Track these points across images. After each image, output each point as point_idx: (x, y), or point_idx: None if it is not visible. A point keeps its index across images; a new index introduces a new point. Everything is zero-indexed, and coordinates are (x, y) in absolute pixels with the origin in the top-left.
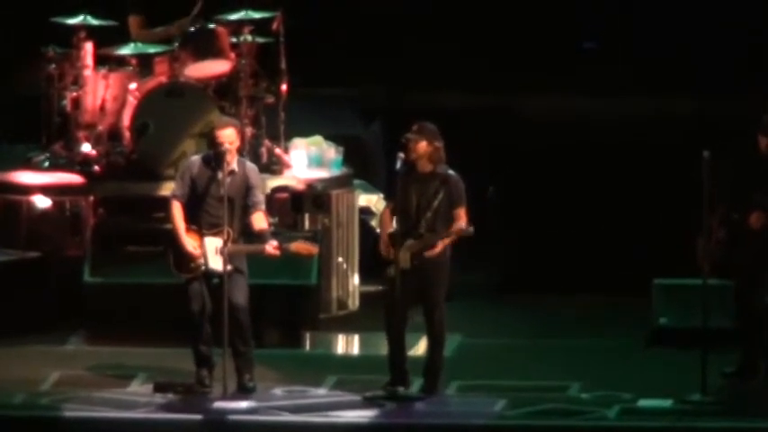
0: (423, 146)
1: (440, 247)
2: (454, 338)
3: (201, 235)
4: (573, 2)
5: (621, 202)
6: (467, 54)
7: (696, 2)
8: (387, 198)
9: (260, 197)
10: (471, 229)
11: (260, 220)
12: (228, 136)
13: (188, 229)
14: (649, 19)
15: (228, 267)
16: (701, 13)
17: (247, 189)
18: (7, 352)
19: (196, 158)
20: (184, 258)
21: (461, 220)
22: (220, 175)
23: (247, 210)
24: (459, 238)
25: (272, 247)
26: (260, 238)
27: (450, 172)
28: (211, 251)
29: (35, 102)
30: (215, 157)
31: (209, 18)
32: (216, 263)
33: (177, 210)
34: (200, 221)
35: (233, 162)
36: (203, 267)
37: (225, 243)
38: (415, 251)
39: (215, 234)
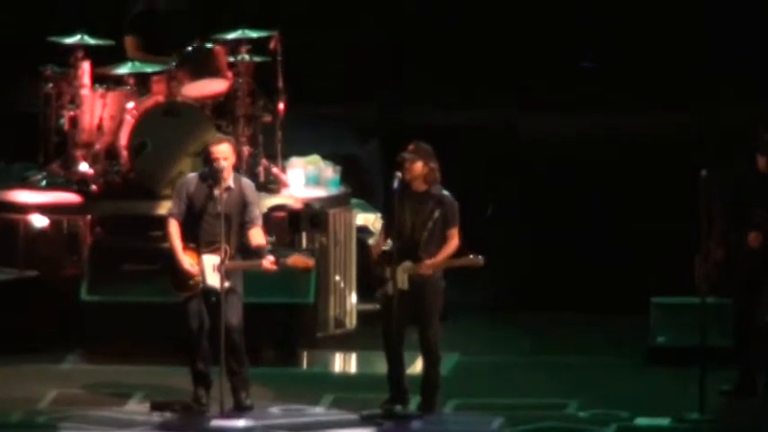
0: (419, 167)
1: (432, 269)
2: (451, 357)
3: (199, 252)
4: (571, 21)
5: (620, 219)
6: (464, 72)
7: (693, 19)
8: (382, 216)
9: (257, 213)
10: (481, 259)
11: (257, 236)
12: (223, 151)
13: (186, 247)
14: (646, 37)
15: (226, 284)
16: (698, 30)
17: (244, 205)
18: (5, 370)
19: (192, 176)
20: (182, 277)
21: (453, 240)
22: (217, 192)
23: (244, 226)
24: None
25: (269, 262)
26: (257, 253)
27: (445, 193)
28: (209, 268)
29: (32, 121)
30: (211, 174)
31: (206, 38)
32: (214, 280)
33: (174, 228)
34: (197, 239)
35: (229, 179)
36: (201, 285)
37: (222, 260)
38: (413, 274)
39: (213, 251)
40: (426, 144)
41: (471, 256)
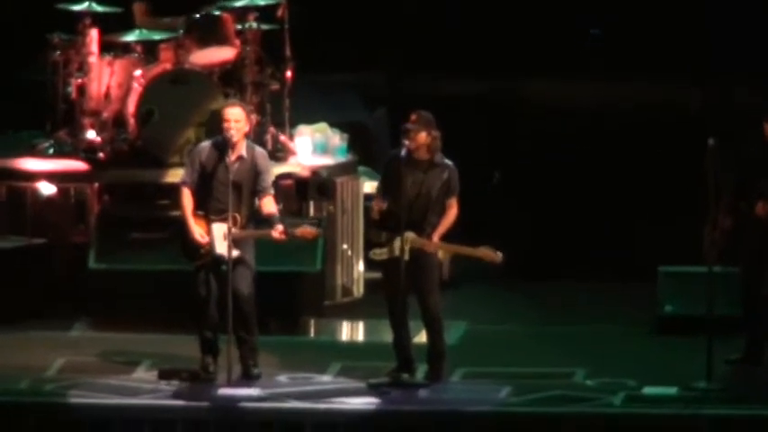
0: (422, 136)
1: (437, 248)
2: (459, 325)
3: (209, 220)
4: None
5: (627, 188)
6: (470, 39)
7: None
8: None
9: (269, 182)
10: (500, 255)
11: (269, 205)
12: (235, 114)
13: (196, 215)
14: (656, 5)
15: (236, 253)
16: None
17: (256, 174)
18: (12, 338)
19: (205, 144)
20: (193, 246)
21: (453, 209)
22: (228, 160)
23: (256, 194)
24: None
25: (277, 231)
26: (268, 222)
27: (447, 161)
28: (219, 237)
29: (40, 88)
30: (223, 141)
31: (214, 5)
32: (223, 248)
33: (186, 197)
34: (208, 207)
35: (241, 147)
36: (211, 253)
37: (230, 228)
38: (416, 247)
39: (223, 219)
40: (427, 112)
41: (488, 249)
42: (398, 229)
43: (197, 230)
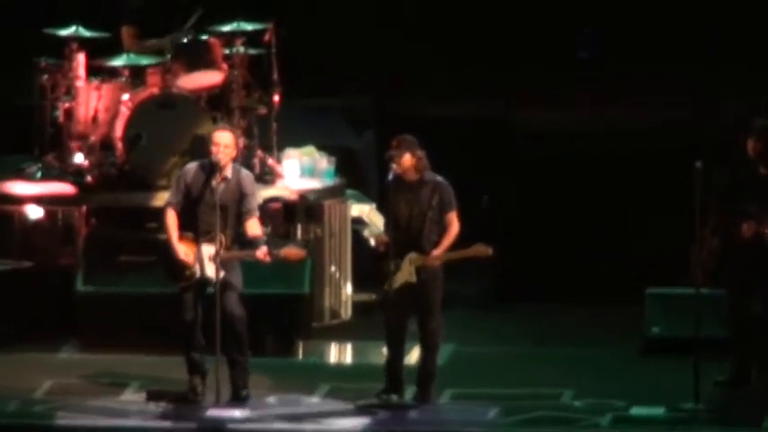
0: (407, 159)
1: (440, 260)
2: (447, 347)
3: (196, 242)
4: (568, 11)
5: (615, 211)
6: (459, 63)
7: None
8: (380, 209)
9: (254, 204)
10: (489, 249)
11: (254, 227)
12: (225, 139)
13: (182, 237)
14: (646, 27)
15: (222, 274)
16: (696, 18)
17: (241, 196)
18: (1, 360)
19: (192, 165)
20: (178, 267)
21: (454, 225)
22: (214, 182)
23: (241, 216)
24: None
25: (262, 253)
26: (253, 244)
27: (439, 178)
28: (206, 258)
29: (28, 112)
30: (210, 164)
31: (201, 29)
32: (210, 270)
33: (171, 217)
34: (195, 229)
35: (227, 169)
36: (198, 275)
37: (218, 250)
38: (420, 266)
39: (209, 241)
40: (408, 135)
41: (479, 245)
42: (401, 253)
43: (182, 250)
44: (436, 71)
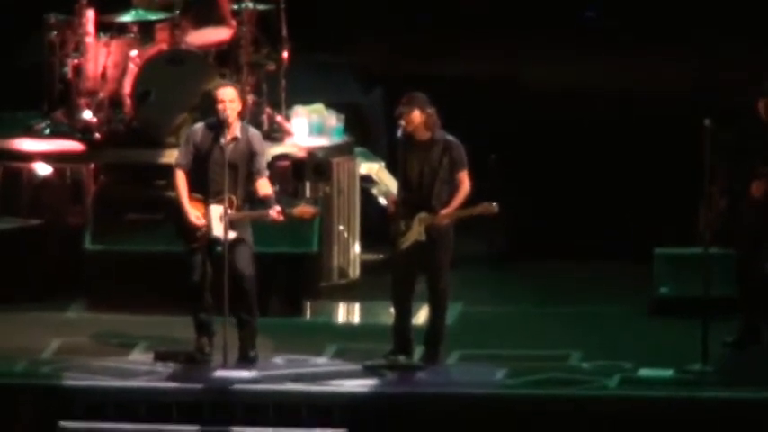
0: (416, 115)
1: (449, 218)
2: (455, 307)
3: (206, 203)
4: None
5: (623, 170)
6: (466, 22)
7: None
8: (388, 167)
9: (264, 163)
10: (495, 206)
11: (264, 186)
12: (228, 94)
13: (192, 197)
14: None
15: (232, 235)
16: None
17: (251, 155)
18: (8, 319)
19: (199, 125)
20: (189, 228)
21: (465, 184)
22: (223, 141)
23: (251, 176)
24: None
25: (275, 212)
26: (264, 204)
27: (449, 137)
28: (216, 219)
29: (36, 69)
30: (218, 123)
31: None
32: (220, 230)
33: (181, 179)
34: (204, 189)
35: (236, 128)
36: (207, 235)
37: (226, 210)
38: (429, 225)
39: (219, 202)
40: (419, 92)
41: (485, 203)
42: (412, 212)
43: (193, 213)
44: (443, 30)
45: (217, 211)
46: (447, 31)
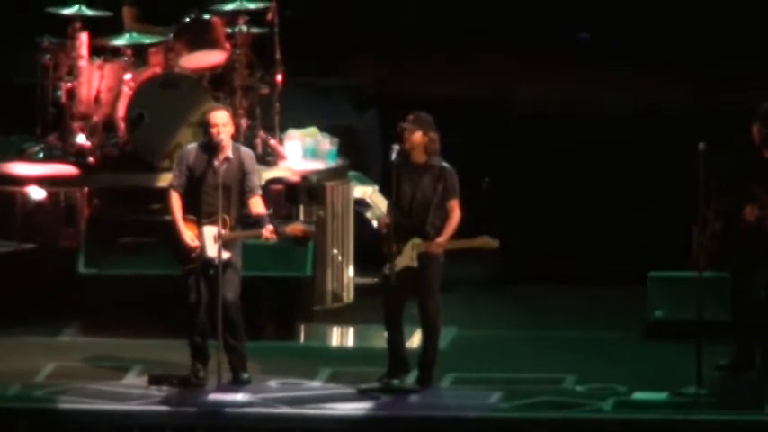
0: (418, 136)
1: (443, 248)
2: (450, 330)
3: (199, 224)
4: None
5: (618, 193)
6: (462, 44)
7: None
8: (381, 190)
9: (256, 182)
10: (497, 243)
11: (257, 205)
12: (221, 117)
13: (186, 219)
14: (644, 10)
15: (226, 255)
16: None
17: (243, 175)
18: (2, 343)
19: (192, 147)
20: (184, 250)
21: (456, 212)
22: (216, 162)
23: (244, 196)
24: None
25: (268, 231)
26: (257, 223)
27: (445, 164)
28: (210, 240)
29: (30, 92)
30: (209, 144)
31: (204, 9)
32: (214, 251)
33: (175, 201)
34: (197, 210)
35: (228, 149)
36: (202, 257)
37: (220, 232)
38: (423, 252)
39: (213, 222)
40: (426, 114)
41: (485, 237)
42: (404, 236)
43: (187, 234)
44: (437, 51)
45: (210, 231)
46: (441, 53)
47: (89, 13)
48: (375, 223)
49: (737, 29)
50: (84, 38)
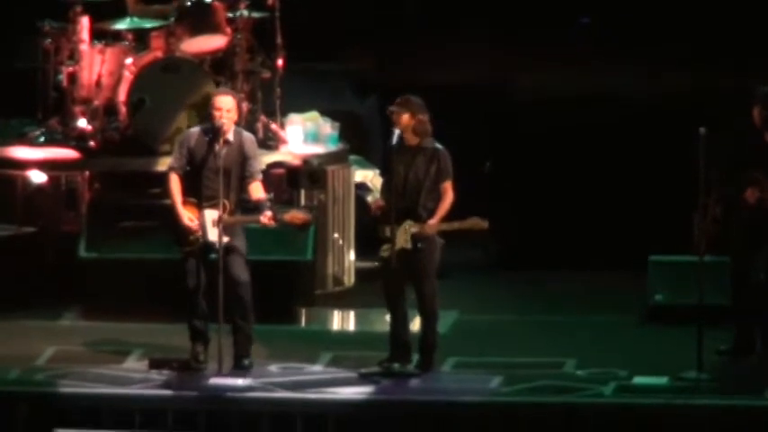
0: (405, 118)
1: (435, 230)
2: (450, 315)
3: (200, 207)
4: None
5: (618, 177)
6: (463, 29)
7: None
8: (381, 173)
9: (257, 167)
10: (486, 222)
11: (257, 190)
12: (226, 103)
13: (186, 202)
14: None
15: (225, 239)
16: None
17: (244, 159)
18: (2, 327)
19: (195, 130)
20: (183, 232)
21: (448, 194)
22: (217, 146)
23: (244, 180)
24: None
25: (266, 217)
26: (256, 208)
27: (437, 145)
28: (209, 223)
29: (31, 76)
30: (211, 128)
31: None
32: (214, 235)
33: (174, 182)
34: (198, 194)
35: (229, 133)
36: (201, 240)
37: (220, 215)
38: (415, 234)
39: (212, 206)
40: (415, 96)
41: (476, 218)
42: (397, 218)
43: (186, 215)
44: (438, 38)
45: (210, 215)
46: (441, 39)
47: None
48: (370, 202)
49: (737, 14)
50: (85, 22)
